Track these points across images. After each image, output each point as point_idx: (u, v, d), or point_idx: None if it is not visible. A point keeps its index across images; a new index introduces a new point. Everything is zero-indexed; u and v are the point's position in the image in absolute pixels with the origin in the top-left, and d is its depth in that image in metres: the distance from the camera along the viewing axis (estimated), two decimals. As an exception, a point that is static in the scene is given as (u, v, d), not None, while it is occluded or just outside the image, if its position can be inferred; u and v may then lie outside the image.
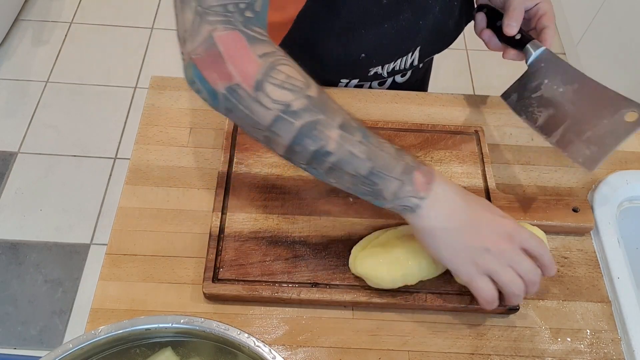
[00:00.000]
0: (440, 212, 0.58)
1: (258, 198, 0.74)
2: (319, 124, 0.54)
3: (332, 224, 0.73)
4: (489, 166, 0.79)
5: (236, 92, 0.52)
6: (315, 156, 0.55)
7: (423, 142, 0.81)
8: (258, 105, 0.53)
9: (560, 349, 0.67)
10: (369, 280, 0.66)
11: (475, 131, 0.83)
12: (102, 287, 0.68)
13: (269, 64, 0.53)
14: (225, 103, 0.54)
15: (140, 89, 2.04)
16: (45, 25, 2.18)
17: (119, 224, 0.73)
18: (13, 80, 2.03)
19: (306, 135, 0.54)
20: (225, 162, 0.76)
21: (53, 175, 1.80)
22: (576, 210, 0.74)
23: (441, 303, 0.67)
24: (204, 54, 0.53)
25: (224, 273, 0.68)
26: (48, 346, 1.48)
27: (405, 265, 0.64)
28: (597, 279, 0.72)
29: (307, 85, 0.54)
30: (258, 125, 0.54)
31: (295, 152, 0.55)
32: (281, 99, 0.52)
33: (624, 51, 1.77)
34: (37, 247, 1.65)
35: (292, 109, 0.53)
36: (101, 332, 0.51)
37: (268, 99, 0.52)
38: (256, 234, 0.71)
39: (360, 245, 0.69)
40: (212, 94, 0.54)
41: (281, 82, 0.53)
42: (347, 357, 0.65)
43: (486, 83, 2.12)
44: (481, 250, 0.59)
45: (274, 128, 0.54)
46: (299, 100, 0.53)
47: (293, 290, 0.67)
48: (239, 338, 0.51)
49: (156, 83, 0.87)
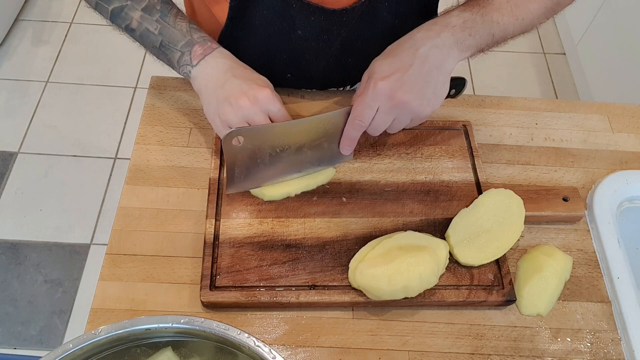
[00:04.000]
0: (205, 76, 0.71)
1: (251, 202, 0.74)
2: (126, 8, 0.72)
3: (327, 224, 0.73)
4: (479, 159, 0.79)
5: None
6: (126, 30, 0.74)
7: (412, 138, 0.81)
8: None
9: (560, 349, 0.67)
10: (369, 292, 0.65)
11: (464, 125, 0.83)
12: (102, 287, 0.68)
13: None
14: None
15: (140, 89, 2.03)
16: (45, 25, 2.18)
17: (119, 224, 0.73)
18: (13, 80, 2.02)
19: (117, 16, 0.73)
20: (216, 168, 0.76)
21: (53, 175, 1.80)
22: (566, 200, 0.75)
23: (439, 298, 0.67)
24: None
25: (221, 280, 0.67)
26: (48, 346, 1.48)
27: (407, 277, 0.64)
28: (597, 279, 0.72)
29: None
30: (89, 4, 0.74)
31: (115, 26, 0.75)
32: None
33: (624, 51, 1.77)
34: (37, 247, 1.65)
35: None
36: (101, 332, 0.51)
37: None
38: (251, 239, 0.71)
39: (359, 257, 0.68)
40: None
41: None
42: (347, 357, 0.65)
43: (486, 83, 2.12)
44: (223, 102, 0.69)
45: (97, 9, 0.74)
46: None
47: (291, 294, 0.66)
48: (239, 338, 0.51)
49: (156, 83, 0.87)
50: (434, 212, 0.74)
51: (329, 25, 0.76)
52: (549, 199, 0.75)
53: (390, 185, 0.77)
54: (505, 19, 0.70)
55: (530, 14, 0.72)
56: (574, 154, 0.83)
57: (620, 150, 0.84)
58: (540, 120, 0.87)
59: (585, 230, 0.76)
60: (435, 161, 0.79)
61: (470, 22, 0.68)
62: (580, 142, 0.85)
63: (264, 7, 0.74)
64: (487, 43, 0.71)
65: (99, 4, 0.73)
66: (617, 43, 1.81)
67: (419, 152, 0.80)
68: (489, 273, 0.69)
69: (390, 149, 0.80)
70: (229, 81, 0.70)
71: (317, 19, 0.75)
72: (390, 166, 0.78)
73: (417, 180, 0.77)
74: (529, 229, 0.75)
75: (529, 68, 2.18)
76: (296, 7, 0.73)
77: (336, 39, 0.79)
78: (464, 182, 0.78)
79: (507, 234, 0.71)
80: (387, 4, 0.77)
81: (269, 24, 0.76)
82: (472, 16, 0.69)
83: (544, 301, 0.68)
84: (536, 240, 0.75)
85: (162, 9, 0.73)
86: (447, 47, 0.67)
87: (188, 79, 0.73)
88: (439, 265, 0.67)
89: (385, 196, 0.75)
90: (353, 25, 0.77)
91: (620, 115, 0.88)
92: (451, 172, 0.78)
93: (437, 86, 0.68)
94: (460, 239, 0.70)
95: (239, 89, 0.69)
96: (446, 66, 0.68)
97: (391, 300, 0.65)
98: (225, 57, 0.72)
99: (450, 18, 0.69)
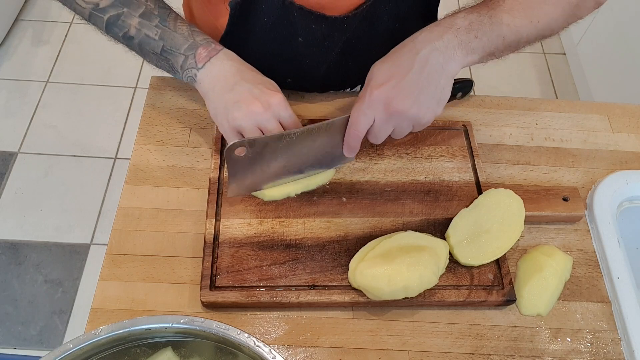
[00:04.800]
0: (211, 79, 0.70)
1: (251, 202, 0.74)
2: (123, 16, 0.70)
3: (327, 224, 0.73)
4: (479, 159, 0.79)
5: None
6: (124, 39, 0.72)
7: (412, 138, 0.81)
8: (76, 5, 0.71)
9: (560, 349, 0.67)
10: (369, 292, 0.65)
11: (464, 125, 0.83)
12: (102, 287, 0.68)
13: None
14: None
15: (140, 89, 2.03)
16: (45, 25, 2.18)
17: (119, 224, 0.73)
18: (13, 80, 2.03)
19: (113, 24, 0.71)
20: (216, 168, 0.76)
21: (53, 175, 1.80)
22: (566, 200, 0.75)
23: (439, 298, 0.67)
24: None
25: (221, 280, 0.67)
26: (48, 346, 1.48)
27: (407, 277, 0.64)
28: (597, 279, 0.72)
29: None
30: (83, 17, 0.72)
31: (111, 36, 0.73)
32: (90, 0, 0.70)
33: (624, 51, 1.77)
34: (37, 247, 1.65)
35: (100, 7, 0.70)
36: (101, 332, 0.51)
37: (82, 1, 0.70)
38: (251, 239, 0.70)
39: (359, 257, 0.68)
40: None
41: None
42: (347, 357, 0.65)
43: (486, 83, 2.12)
44: (233, 106, 0.67)
45: (91, 20, 0.72)
46: (105, 0, 0.70)
47: (291, 294, 0.66)
48: (239, 338, 0.51)
49: (156, 83, 0.87)
50: (434, 212, 0.74)
51: (330, 31, 0.76)
52: (549, 199, 0.75)
53: (390, 185, 0.77)
54: (517, 21, 0.67)
55: (546, 16, 0.69)
56: (574, 154, 0.83)
57: (620, 150, 0.84)
58: (540, 120, 0.87)
59: (585, 230, 0.76)
60: (435, 161, 0.79)
61: (477, 24, 0.65)
62: (580, 142, 0.85)
63: (265, 15, 0.73)
64: (496, 46, 0.67)
65: (93, 15, 0.71)
66: (617, 43, 1.81)
67: (419, 152, 0.80)
68: (489, 273, 0.70)
69: (390, 149, 0.80)
70: (239, 84, 0.68)
71: (319, 26, 0.74)
72: (390, 166, 0.78)
73: (417, 180, 0.77)
74: (529, 229, 0.75)
75: (529, 68, 2.18)
76: (297, 14, 0.72)
77: (337, 44, 0.78)
78: (464, 182, 0.77)
79: (507, 234, 0.71)
80: (387, 9, 0.76)
81: (270, 30, 0.76)
82: (479, 18, 0.66)
83: (544, 301, 0.68)
84: (536, 240, 0.75)
85: (161, 14, 0.71)
86: (450, 49, 0.64)
87: (192, 83, 0.71)
88: (439, 265, 0.67)
89: (385, 196, 0.75)
90: (354, 31, 0.77)
91: (620, 115, 0.88)
92: (451, 172, 0.78)
93: (438, 91, 0.66)
94: (460, 239, 0.70)
95: (250, 94, 0.68)
96: (448, 69, 0.65)
97: (391, 300, 0.65)
98: (231, 59, 0.71)
99: (456, 19, 0.66)
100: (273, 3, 0.71)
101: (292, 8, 0.71)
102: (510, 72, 2.16)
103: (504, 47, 0.68)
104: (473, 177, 0.78)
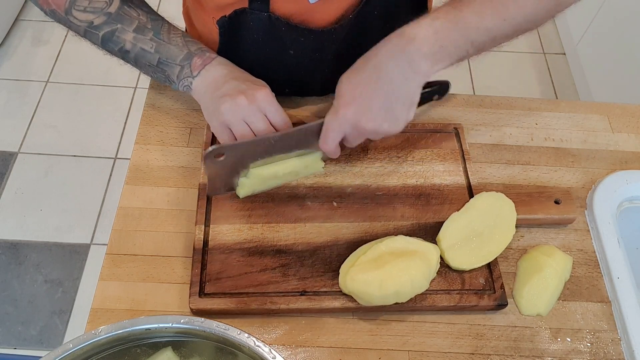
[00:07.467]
0: (205, 84, 0.71)
1: (241, 208, 0.73)
2: (117, 32, 0.72)
3: (318, 229, 0.72)
4: (470, 163, 0.79)
5: (55, 13, 0.73)
6: (120, 53, 0.73)
7: (404, 142, 0.81)
8: (71, 23, 0.73)
9: (560, 349, 0.67)
10: (360, 298, 0.65)
11: (455, 128, 0.82)
12: (102, 287, 0.68)
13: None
14: (52, 17, 0.75)
15: (140, 89, 2.03)
16: (45, 25, 2.18)
17: (119, 224, 0.73)
18: (13, 80, 2.03)
19: (108, 40, 0.72)
20: (206, 174, 0.75)
21: (53, 175, 1.80)
22: (558, 202, 0.75)
23: (431, 303, 0.67)
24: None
25: (210, 287, 0.66)
26: (48, 346, 1.48)
27: (398, 282, 0.63)
28: (597, 279, 0.72)
29: (107, 4, 0.72)
30: (78, 34, 0.74)
31: (107, 51, 0.75)
32: (85, 19, 0.72)
33: (624, 51, 1.77)
34: (37, 247, 1.65)
35: (94, 25, 0.72)
36: (101, 332, 0.51)
37: (76, 19, 0.72)
38: (241, 245, 0.70)
39: (349, 262, 0.68)
40: (42, 10, 0.74)
41: (84, 7, 0.72)
42: (347, 357, 0.65)
43: (486, 83, 2.12)
44: (219, 100, 0.68)
45: (86, 37, 0.74)
46: (99, 18, 0.72)
47: (281, 300, 0.66)
48: (239, 338, 0.51)
49: (156, 83, 0.86)
50: (425, 216, 0.74)
51: (318, 44, 0.76)
52: (542, 202, 0.75)
53: (381, 189, 0.76)
54: (487, 22, 0.64)
55: (523, 12, 0.65)
56: (574, 154, 0.83)
57: (620, 150, 0.84)
58: (540, 120, 0.87)
59: (585, 230, 0.76)
60: (427, 164, 0.79)
61: (443, 32, 0.62)
62: (580, 142, 0.85)
63: (254, 31, 0.74)
64: (466, 50, 0.65)
65: (88, 32, 0.72)
66: (617, 43, 1.81)
67: (410, 156, 0.80)
68: (481, 277, 0.69)
69: (381, 152, 0.80)
70: (227, 83, 0.70)
71: (307, 39, 0.75)
72: (381, 170, 0.78)
73: (408, 184, 0.77)
74: (529, 229, 0.75)
75: (529, 68, 2.18)
76: (285, 29, 0.73)
77: (328, 53, 0.79)
78: (455, 185, 0.77)
79: (499, 238, 0.70)
80: (376, 12, 0.76)
81: (261, 45, 0.77)
82: (443, 25, 0.63)
83: (544, 301, 0.68)
84: (536, 240, 0.75)
85: (154, 27, 0.72)
86: (415, 61, 0.62)
87: (188, 91, 0.72)
88: (430, 269, 0.66)
89: (376, 200, 0.75)
90: (344, 39, 0.77)
91: (620, 115, 0.88)
92: (442, 176, 0.78)
93: (407, 101, 0.64)
94: (451, 243, 0.70)
95: (236, 88, 0.69)
96: (415, 81, 0.64)
97: (382, 305, 0.65)
98: (224, 65, 0.72)
99: (419, 28, 0.63)
100: (260, 20, 0.72)
101: (278, 24, 0.72)
102: (510, 72, 2.16)
103: (474, 50, 0.66)
104: (464, 181, 0.78)
